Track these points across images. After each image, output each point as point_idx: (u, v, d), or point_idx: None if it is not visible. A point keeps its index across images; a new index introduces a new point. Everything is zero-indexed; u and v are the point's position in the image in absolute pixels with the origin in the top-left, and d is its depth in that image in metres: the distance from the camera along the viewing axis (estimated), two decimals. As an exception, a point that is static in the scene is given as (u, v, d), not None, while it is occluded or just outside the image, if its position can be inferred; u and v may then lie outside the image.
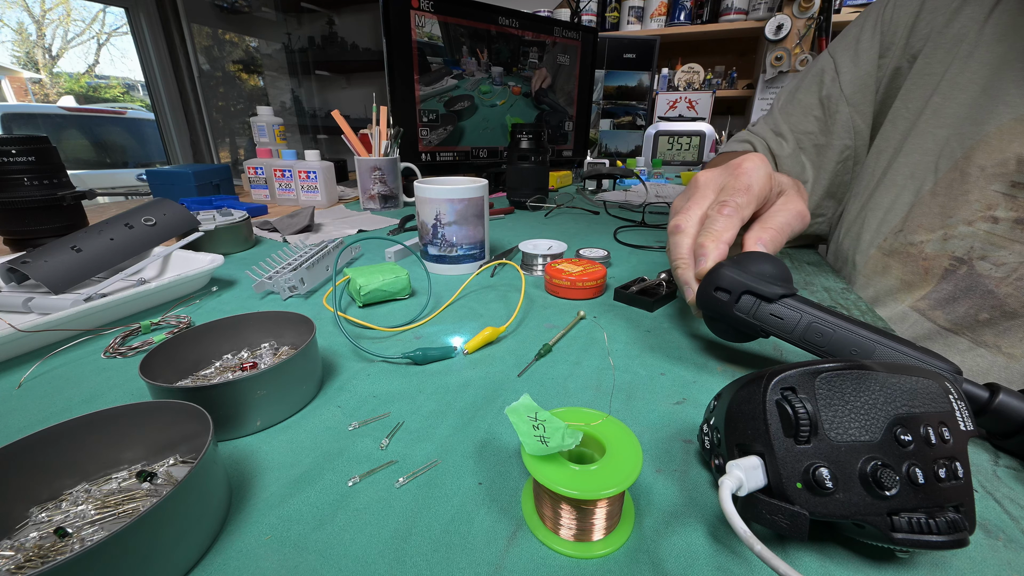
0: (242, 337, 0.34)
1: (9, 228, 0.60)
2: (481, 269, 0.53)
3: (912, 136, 0.49)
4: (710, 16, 2.04)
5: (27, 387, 0.33)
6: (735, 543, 0.21)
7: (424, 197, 0.53)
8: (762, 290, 0.30)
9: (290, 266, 0.51)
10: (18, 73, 7.87)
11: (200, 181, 0.93)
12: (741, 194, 0.34)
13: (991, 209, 0.42)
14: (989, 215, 0.42)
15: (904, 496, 0.18)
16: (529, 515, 0.22)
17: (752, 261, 0.32)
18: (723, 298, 0.31)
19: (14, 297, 0.43)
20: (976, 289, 0.43)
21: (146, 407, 0.24)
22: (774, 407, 0.20)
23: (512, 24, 1.07)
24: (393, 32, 0.89)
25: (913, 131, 0.49)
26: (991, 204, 0.42)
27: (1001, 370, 0.41)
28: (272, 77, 2.45)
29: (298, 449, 0.27)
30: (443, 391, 0.32)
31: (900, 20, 0.53)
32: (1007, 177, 0.41)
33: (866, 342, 0.28)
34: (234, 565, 0.20)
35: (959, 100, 0.46)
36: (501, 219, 0.87)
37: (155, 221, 0.55)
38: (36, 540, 0.20)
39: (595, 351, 0.38)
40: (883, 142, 0.53)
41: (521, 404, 0.22)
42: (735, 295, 0.31)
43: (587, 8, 2.07)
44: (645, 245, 0.69)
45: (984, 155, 0.43)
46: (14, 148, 0.57)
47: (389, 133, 0.90)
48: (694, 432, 0.28)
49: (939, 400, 0.21)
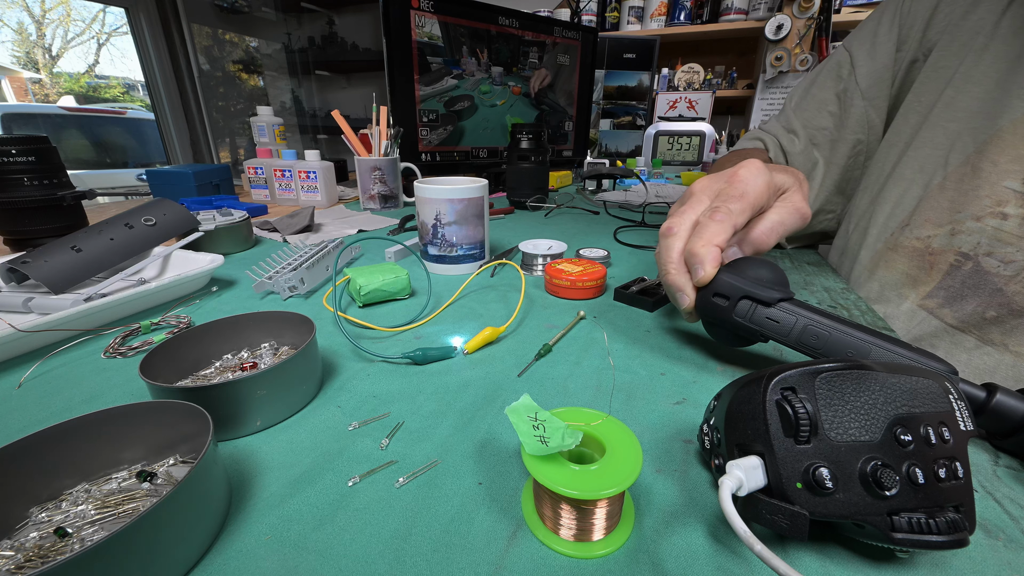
0: (242, 337, 0.34)
1: (9, 228, 0.60)
2: (481, 269, 0.53)
3: (923, 130, 0.49)
4: (710, 16, 2.04)
5: (27, 387, 0.33)
6: (735, 543, 0.21)
7: (424, 197, 0.53)
8: (759, 294, 0.30)
9: (290, 266, 0.51)
10: (18, 73, 7.88)
11: (200, 181, 0.93)
12: (735, 201, 0.34)
13: (1001, 205, 0.42)
14: (999, 211, 0.42)
15: (904, 496, 0.18)
16: (529, 515, 0.22)
17: (749, 266, 0.32)
18: (721, 303, 0.32)
19: (14, 297, 0.43)
20: (984, 287, 0.43)
21: (146, 407, 0.24)
22: (774, 407, 0.20)
23: (512, 24, 1.07)
24: (393, 32, 0.89)
25: (924, 125, 0.49)
26: (1001, 200, 0.42)
27: (1008, 368, 0.41)
28: (272, 77, 2.45)
29: (298, 449, 0.27)
30: (443, 391, 0.32)
31: (918, 12, 0.53)
32: (1020, 174, 0.41)
33: (862, 344, 0.28)
34: (234, 565, 0.20)
35: (972, 94, 0.45)
36: (501, 219, 0.87)
37: (155, 221, 0.55)
38: (36, 540, 0.20)
39: (595, 351, 0.38)
40: (894, 136, 0.53)
41: (521, 404, 0.22)
42: (733, 300, 0.31)
43: (587, 8, 2.07)
44: (645, 245, 0.69)
45: (997, 150, 0.42)
46: (14, 148, 0.57)
47: (389, 133, 0.90)
48: (694, 432, 0.28)
49: (939, 400, 0.21)
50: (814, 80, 0.64)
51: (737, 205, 0.34)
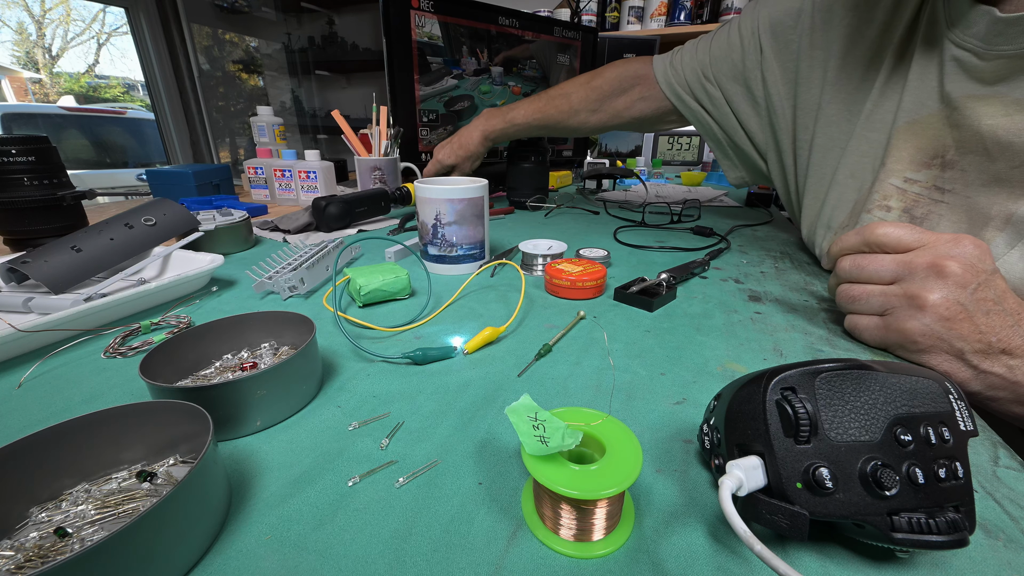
0: (242, 337, 0.34)
1: (9, 228, 0.60)
2: (481, 269, 0.53)
3: (853, 139, 0.54)
4: (710, 16, 2.04)
5: (27, 387, 0.33)
6: (735, 543, 0.21)
7: (424, 197, 0.53)
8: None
9: (290, 266, 0.51)
10: (18, 73, 7.88)
11: (200, 181, 0.93)
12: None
13: (886, 199, 0.49)
14: (884, 204, 0.49)
15: (904, 496, 0.18)
16: (529, 515, 0.22)
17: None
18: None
19: (14, 297, 0.43)
20: None
21: (146, 407, 0.24)
22: (774, 407, 0.20)
23: (512, 24, 1.07)
24: (393, 32, 0.89)
25: (853, 136, 0.54)
26: (887, 195, 0.49)
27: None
28: (272, 77, 2.45)
29: (298, 449, 0.27)
30: (443, 391, 0.32)
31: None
32: (902, 173, 0.48)
33: None
34: (234, 565, 0.20)
35: (886, 107, 0.51)
36: (501, 219, 0.87)
37: (155, 221, 0.55)
38: (36, 540, 0.20)
39: (595, 351, 0.38)
40: (828, 141, 0.57)
41: (521, 404, 0.22)
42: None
43: (587, 8, 2.07)
44: (645, 245, 0.69)
45: (888, 153, 0.49)
46: (14, 148, 0.57)
47: (389, 133, 0.90)
48: (694, 432, 0.28)
49: (939, 400, 0.21)
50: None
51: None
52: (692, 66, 0.72)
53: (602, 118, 0.83)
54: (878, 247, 0.36)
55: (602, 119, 0.84)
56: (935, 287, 0.33)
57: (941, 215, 0.45)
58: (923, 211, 0.46)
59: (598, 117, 0.83)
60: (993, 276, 0.33)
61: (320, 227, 0.74)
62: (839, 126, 0.56)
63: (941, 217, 0.45)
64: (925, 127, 0.46)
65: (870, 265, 0.36)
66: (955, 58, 0.43)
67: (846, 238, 0.39)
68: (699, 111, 0.74)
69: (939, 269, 0.33)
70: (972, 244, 0.34)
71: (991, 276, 0.33)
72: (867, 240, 0.37)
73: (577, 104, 0.83)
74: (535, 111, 0.85)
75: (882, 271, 0.36)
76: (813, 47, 0.58)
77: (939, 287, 0.33)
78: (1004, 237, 0.41)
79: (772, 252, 0.66)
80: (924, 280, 0.33)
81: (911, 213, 0.47)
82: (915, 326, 0.34)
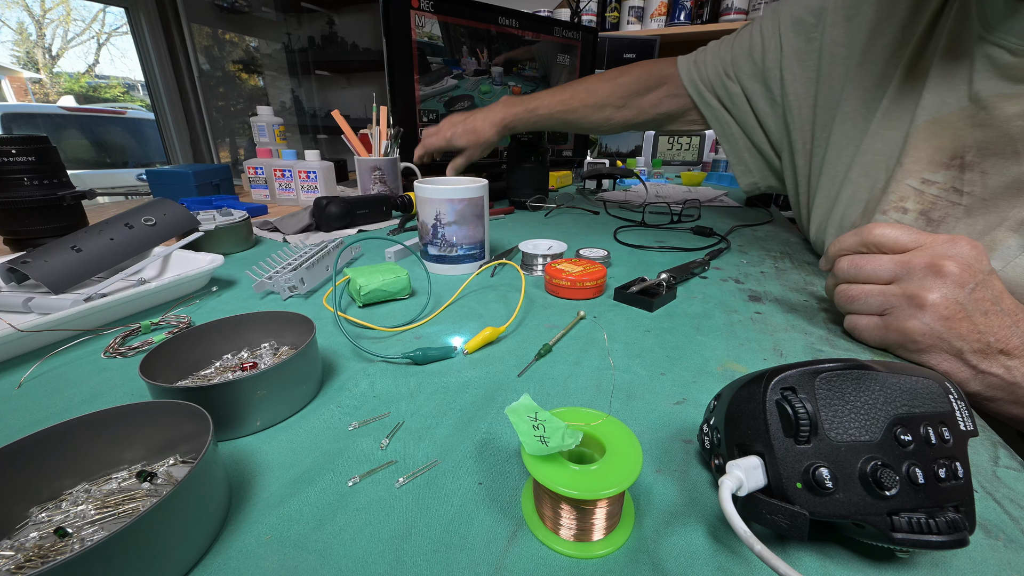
0: (242, 337, 0.34)
1: (9, 228, 0.60)
2: (481, 269, 0.53)
3: (867, 137, 0.53)
4: (710, 16, 2.04)
5: (27, 387, 0.33)
6: (735, 543, 0.21)
7: (424, 197, 0.53)
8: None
9: (290, 266, 0.51)
10: (18, 73, 7.88)
11: (200, 181, 0.93)
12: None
13: (903, 201, 0.47)
14: (901, 206, 0.47)
15: (904, 496, 0.18)
16: (529, 515, 0.22)
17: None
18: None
19: (14, 297, 0.43)
20: None
21: (146, 407, 0.24)
22: (774, 407, 0.20)
23: (512, 24, 1.07)
24: (393, 32, 0.89)
25: (868, 133, 0.53)
26: (903, 196, 0.47)
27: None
28: (272, 77, 2.45)
29: (298, 449, 0.27)
30: (443, 391, 0.32)
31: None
32: (919, 173, 0.46)
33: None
34: (234, 565, 0.20)
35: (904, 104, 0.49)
36: (501, 219, 0.87)
37: (155, 221, 0.55)
38: (36, 540, 0.20)
39: (595, 351, 0.38)
40: (844, 138, 0.56)
41: (521, 404, 0.22)
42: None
43: (587, 8, 2.07)
44: (645, 245, 0.69)
45: (906, 153, 0.47)
46: (14, 148, 0.57)
47: (389, 133, 0.90)
48: (694, 432, 0.28)
49: (939, 400, 0.21)
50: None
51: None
52: (714, 64, 0.73)
53: (627, 115, 0.82)
54: (876, 248, 0.36)
55: (627, 116, 0.82)
56: (934, 286, 0.33)
57: (958, 218, 0.44)
58: (940, 214, 0.45)
59: (623, 113, 0.82)
60: (990, 276, 0.33)
61: (320, 227, 0.74)
62: (855, 123, 0.55)
63: (958, 220, 0.44)
64: (946, 126, 0.45)
65: (868, 265, 0.36)
66: (987, 55, 0.42)
67: (844, 239, 0.39)
68: (719, 109, 0.74)
69: (937, 269, 0.33)
70: (968, 245, 0.34)
71: (988, 276, 0.33)
72: (865, 241, 0.37)
73: (603, 99, 0.81)
74: (559, 103, 0.82)
75: (880, 271, 0.36)
76: (835, 44, 0.57)
77: (938, 286, 0.33)
78: (1017, 239, 0.40)
79: (772, 252, 0.66)
80: (923, 280, 0.33)
81: (928, 216, 0.46)
82: (915, 325, 0.34)
